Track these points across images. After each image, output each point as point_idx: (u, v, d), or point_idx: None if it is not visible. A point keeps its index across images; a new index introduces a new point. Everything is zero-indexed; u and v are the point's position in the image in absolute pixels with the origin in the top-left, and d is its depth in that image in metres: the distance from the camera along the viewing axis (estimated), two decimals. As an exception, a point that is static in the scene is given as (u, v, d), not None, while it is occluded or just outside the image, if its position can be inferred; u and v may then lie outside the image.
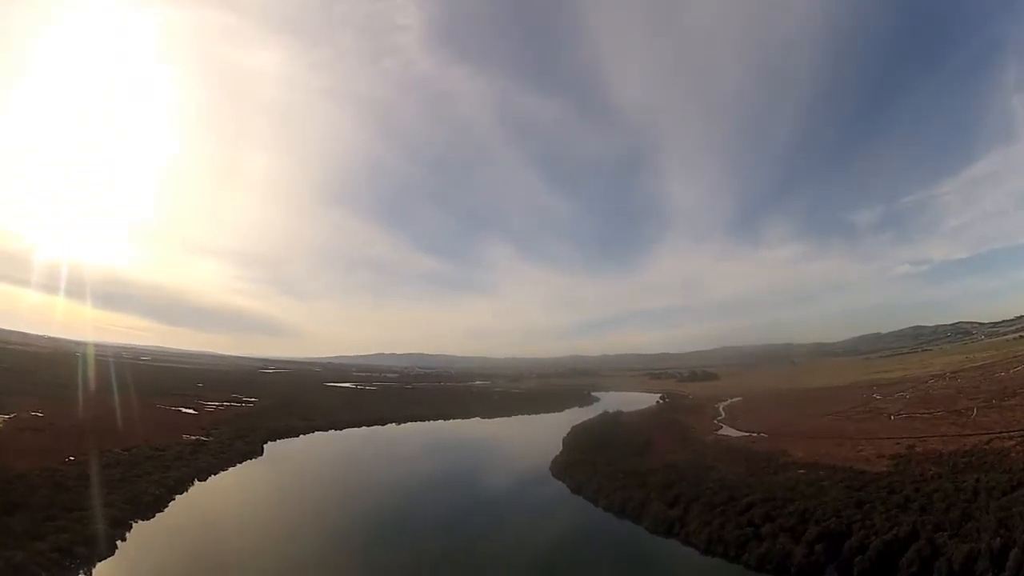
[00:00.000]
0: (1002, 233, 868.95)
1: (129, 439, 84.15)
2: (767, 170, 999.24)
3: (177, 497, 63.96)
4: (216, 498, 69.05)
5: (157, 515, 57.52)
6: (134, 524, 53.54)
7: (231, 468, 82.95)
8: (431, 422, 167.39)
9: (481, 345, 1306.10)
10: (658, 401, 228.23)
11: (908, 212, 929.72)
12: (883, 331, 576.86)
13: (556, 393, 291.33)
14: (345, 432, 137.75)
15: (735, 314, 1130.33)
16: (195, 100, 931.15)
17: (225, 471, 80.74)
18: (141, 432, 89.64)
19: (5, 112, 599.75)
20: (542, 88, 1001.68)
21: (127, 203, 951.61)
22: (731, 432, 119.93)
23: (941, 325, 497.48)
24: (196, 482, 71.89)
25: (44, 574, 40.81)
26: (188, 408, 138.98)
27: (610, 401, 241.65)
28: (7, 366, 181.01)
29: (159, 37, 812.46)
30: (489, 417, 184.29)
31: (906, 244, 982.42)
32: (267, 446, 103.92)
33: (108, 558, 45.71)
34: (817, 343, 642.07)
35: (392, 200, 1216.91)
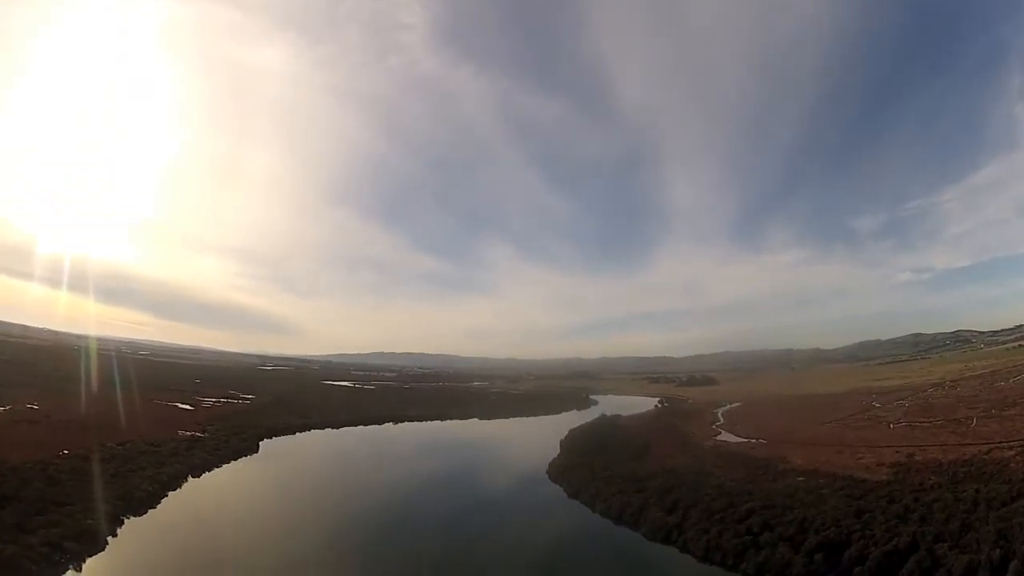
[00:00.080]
0: (1004, 241, 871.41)
1: (124, 434, 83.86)
2: (769, 172, 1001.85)
3: (170, 494, 63.53)
4: (210, 495, 68.51)
5: (149, 511, 57.02)
6: (126, 520, 53.11)
7: (226, 465, 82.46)
8: (428, 422, 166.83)
9: (481, 345, 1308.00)
10: (657, 405, 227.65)
11: (911, 219, 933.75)
12: (883, 338, 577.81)
13: (554, 395, 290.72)
14: (342, 431, 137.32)
15: (737, 318, 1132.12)
16: (198, 97, 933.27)
17: (220, 468, 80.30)
18: (137, 427, 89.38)
19: (8, 110, 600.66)
20: (544, 88, 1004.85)
21: (130, 199, 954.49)
22: (730, 438, 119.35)
23: (941, 333, 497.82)
24: (190, 478, 71.50)
25: (34, 568, 40.34)
26: (185, 404, 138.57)
27: (608, 404, 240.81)
28: (6, 358, 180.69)
29: (162, 33, 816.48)
30: (487, 418, 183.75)
31: (908, 251, 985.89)
32: (263, 443, 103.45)
33: (99, 554, 45.25)
34: (816, 349, 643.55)
35: (393, 199, 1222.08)
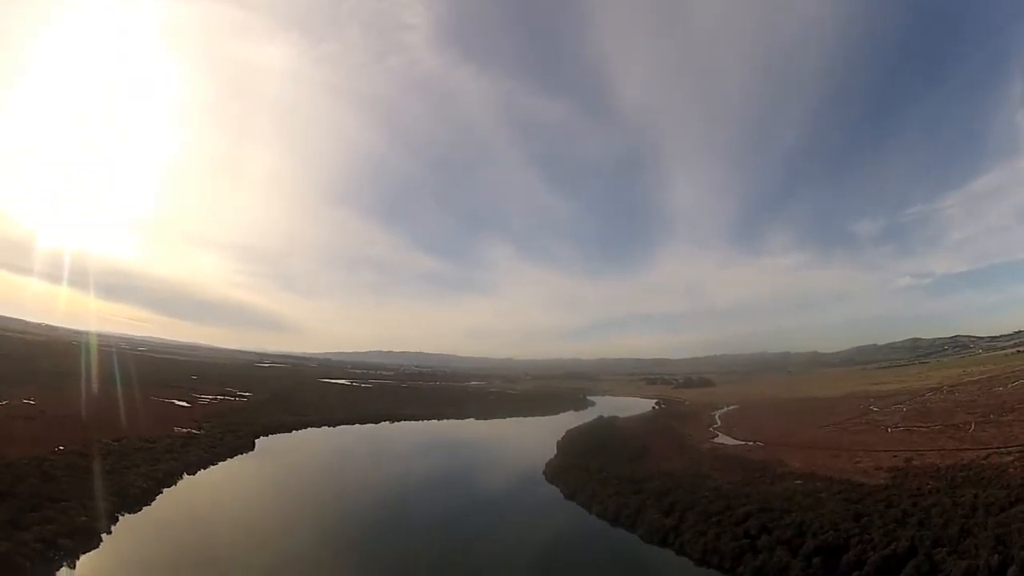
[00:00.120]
0: (1005, 248, 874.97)
1: (120, 430, 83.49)
2: (770, 175, 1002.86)
3: (165, 491, 63.13)
4: (205, 493, 68.11)
5: (144, 508, 56.61)
6: (120, 517, 52.70)
7: (221, 463, 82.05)
8: (425, 421, 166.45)
9: (480, 345, 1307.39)
10: (654, 407, 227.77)
11: (911, 224, 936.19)
12: (880, 342, 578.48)
13: (551, 395, 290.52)
14: (338, 429, 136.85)
15: (736, 321, 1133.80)
16: (199, 94, 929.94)
17: (215, 465, 79.87)
18: (133, 423, 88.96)
19: (9, 107, 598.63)
20: (545, 88, 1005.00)
21: (131, 196, 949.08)
22: (727, 440, 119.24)
23: (939, 338, 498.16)
24: (185, 476, 71.05)
25: (28, 565, 40.00)
26: (181, 401, 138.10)
27: (605, 405, 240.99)
28: (4, 353, 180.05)
29: (163, 31, 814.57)
30: (484, 418, 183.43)
31: (908, 256, 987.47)
32: (259, 441, 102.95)
33: (92, 551, 44.86)
34: (813, 352, 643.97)
35: (393, 199, 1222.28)
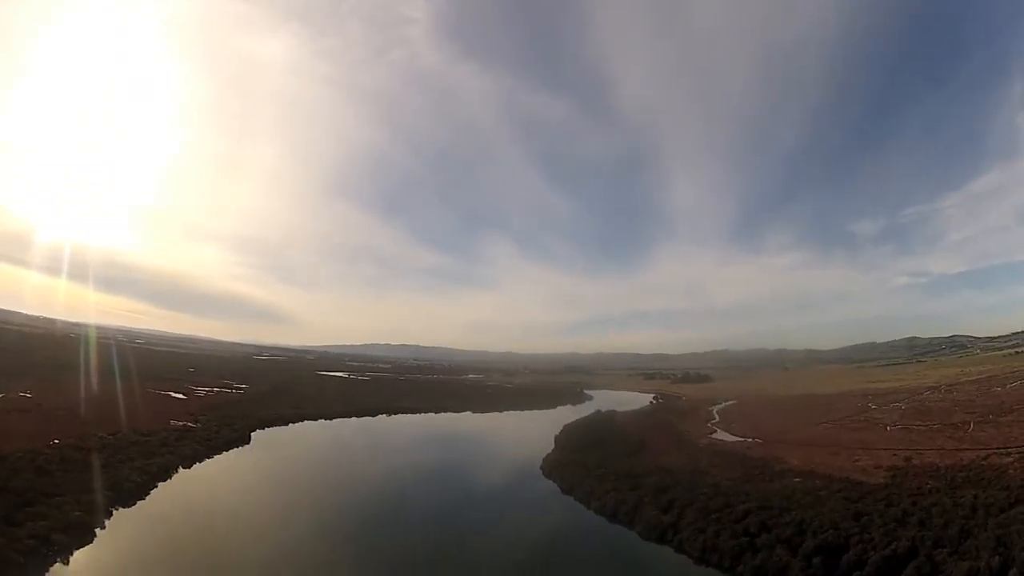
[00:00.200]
0: (1004, 248, 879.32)
1: (116, 423, 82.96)
2: (770, 175, 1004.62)
3: (160, 484, 62.73)
4: (200, 486, 67.61)
5: (139, 503, 56.27)
6: (115, 511, 52.33)
7: (216, 456, 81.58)
8: (423, 414, 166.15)
9: (479, 339, 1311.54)
10: (652, 401, 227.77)
11: (910, 224, 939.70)
12: (878, 341, 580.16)
13: (549, 389, 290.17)
14: (335, 422, 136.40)
15: (735, 320, 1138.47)
16: (201, 88, 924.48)
17: (211, 459, 79.47)
18: (129, 416, 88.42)
19: (10, 101, 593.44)
20: (546, 87, 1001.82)
21: (132, 188, 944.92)
22: (725, 436, 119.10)
23: (937, 338, 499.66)
24: (180, 469, 70.64)
25: (21, 561, 39.55)
26: (178, 393, 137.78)
27: (603, 400, 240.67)
28: (1, 346, 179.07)
29: (166, 24, 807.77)
30: (481, 411, 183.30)
31: (907, 256, 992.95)
32: (255, 434, 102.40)
33: (87, 546, 44.46)
34: (810, 349, 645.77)
35: (394, 193, 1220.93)
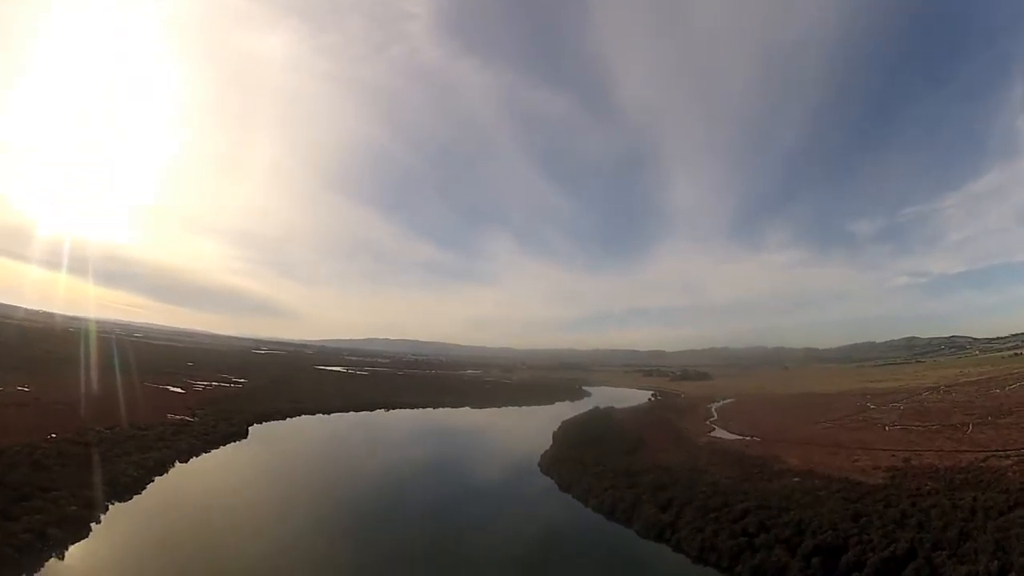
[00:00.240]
0: (1003, 249, 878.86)
1: (113, 417, 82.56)
2: (770, 174, 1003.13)
3: (156, 479, 62.41)
4: (196, 481, 67.28)
5: (135, 497, 55.94)
6: (111, 506, 52.05)
7: (214, 450, 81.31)
8: (421, 409, 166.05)
9: (478, 334, 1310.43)
10: (650, 399, 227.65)
11: (910, 224, 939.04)
12: (877, 340, 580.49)
13: (547, 385, 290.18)
14: (333, 416, 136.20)
15: (734, 318, 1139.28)
16: (202, 85, 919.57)
17: (208, 453, 79.16)
18: (126, 410, 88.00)
19: (11, 96, 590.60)
20: (546, 84, 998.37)
21: (132, 183, 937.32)
22: (724, 435, 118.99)
23: (936, 338, 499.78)
24: (177, 464, 70.39)
25: (16, 556, 39.25)
26: (176, 387, 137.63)
27: (601, 397, 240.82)
28: (0, 340, 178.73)
29: (167, 19, 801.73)
30: (479, 407, 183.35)
31: (906, 256, 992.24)
32: (252, 429, 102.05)
33: (82, 541, 44.23)
34: (809, 348, 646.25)
35: (394, 189, 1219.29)
